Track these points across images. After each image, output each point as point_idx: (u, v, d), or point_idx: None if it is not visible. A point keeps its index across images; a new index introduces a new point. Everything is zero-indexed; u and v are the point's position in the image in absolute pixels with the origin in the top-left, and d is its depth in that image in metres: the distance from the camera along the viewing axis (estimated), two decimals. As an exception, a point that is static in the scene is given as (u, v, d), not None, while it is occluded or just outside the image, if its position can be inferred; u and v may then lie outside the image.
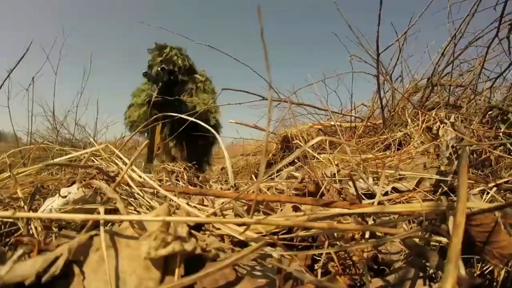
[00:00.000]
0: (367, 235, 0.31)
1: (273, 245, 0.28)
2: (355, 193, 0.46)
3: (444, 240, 0.21)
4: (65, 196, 0.36)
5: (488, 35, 1.19)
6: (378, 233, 0.29)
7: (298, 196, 0.46)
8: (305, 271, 0.26)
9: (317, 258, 0.31)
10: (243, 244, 0.30)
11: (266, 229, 0.30)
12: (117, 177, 0.38)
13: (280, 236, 0.31)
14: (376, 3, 1.10)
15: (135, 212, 0.39)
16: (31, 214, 0.33)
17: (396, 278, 0.26)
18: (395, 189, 0.50)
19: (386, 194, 0.49)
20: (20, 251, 0.24)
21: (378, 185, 0.37)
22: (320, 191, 0.45)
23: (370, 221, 0.32)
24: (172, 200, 0.37)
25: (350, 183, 0.50)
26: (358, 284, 0.28)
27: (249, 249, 0.22)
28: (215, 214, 0.35)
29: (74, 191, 0.37)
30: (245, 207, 0.39)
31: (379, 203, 0.38)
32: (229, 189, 0.55)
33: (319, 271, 0.29)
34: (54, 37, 2.02)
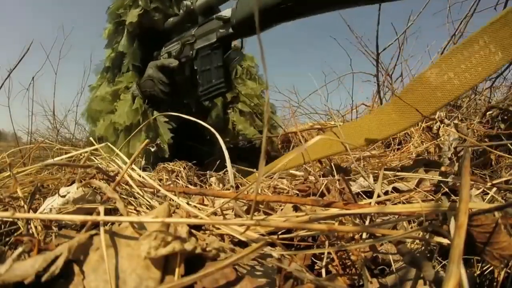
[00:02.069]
0: (365, 236, 0.31)
1: (273, 244, 0.28)
2: (356, 192, 0.46)
3: (444, 241, 0.21)
4: (65, 196, 0.36)
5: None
6: (377, 234, 0.29)
7: (300, 197, 0.46)
8: (305, 271, 0.26)
9: (318, 257, 0.31)
10: (243, 243, 0.30)
11: (266, 229, 0.30)
12: (117, 177, 0.38)
13: (280, 236, 0.31)
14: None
15: (135, 211, 0.39)
16: (31, 215, 0.33)
17: (396, 278, 0.26)
18: (395, 189, 0.50)
19: (386, 193, 0.49)
20: (19, 249, 0.24)
21: (377, 185, 0.37)
22: (320, 190, 0.45)
23: (368, 222, 0.32)
24: (172, 200, 0.37)
25: (352, 182, 0.50)
26: (358, 284, 0.28)
27: (249, 249, 0.22)
28: (215, 213, 0.35)
29: (74, 191, 0.37)
30: (246, 207, 0.39)
31: (380, 202, 0.38)
32: (229, 189, 0.55)
33: (320, 270, 0.29)
34: (54, 36, 2.02)
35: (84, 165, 0.41)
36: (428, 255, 0.29)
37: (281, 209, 0.41)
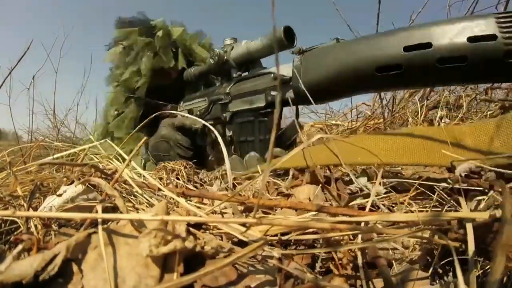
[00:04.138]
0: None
1: (273, 245, 0.28)
2: (354, 192, 0.45)
3: (448, 242, 0.21)
4: (64, 194, 0.36)
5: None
6: (381, 233, 0.29)
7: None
8: (306, 270, 0.26)
9: (318, 257, 0.31)
10: (243, 243, 0.30)
11: (266, 229, 0.30)
12: (115, 174, 0.37)
13: (280, 236, 0.31)
14: (375, 2, 1.10)
15: (134, 209, 0.39)
16: (30, 213, 0.33)
17: (398, 277, 0.25)
18: (394, 189, 0.50)
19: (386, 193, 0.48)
20: (19, 247, 0.24)
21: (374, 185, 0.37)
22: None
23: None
24: (172, 198, 0.37)
25: (355, 180, 0.50)
26: (359, 284, 0.28)
27: (250, 248, 0.22)
28: (214, 212, 0.35)
29: (73, 189, 0.36)
30: (243, 207, 0.39)
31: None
32: (226, 189, 0.54)
33: (320, 270, 0.29)
34: (55, 35, 2.02)
35: (80, 164, 0.40)
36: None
37: (281, 209, 0.40)
